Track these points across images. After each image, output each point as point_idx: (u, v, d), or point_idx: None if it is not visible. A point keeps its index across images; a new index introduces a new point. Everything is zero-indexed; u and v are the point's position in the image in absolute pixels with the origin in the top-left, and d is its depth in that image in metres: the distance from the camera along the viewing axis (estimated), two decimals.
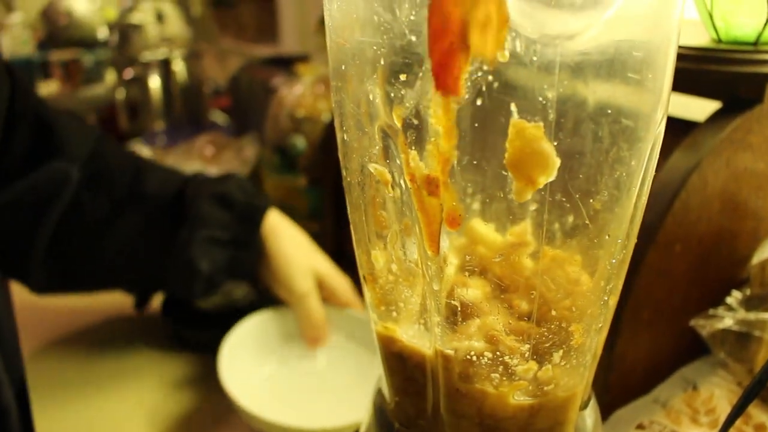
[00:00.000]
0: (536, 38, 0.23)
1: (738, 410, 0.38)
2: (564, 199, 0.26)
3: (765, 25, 0.50)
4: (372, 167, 0.28)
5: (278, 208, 0.88)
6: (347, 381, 0.66)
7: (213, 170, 0.94)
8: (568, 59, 0.23)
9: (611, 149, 0.26)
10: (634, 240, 0.32)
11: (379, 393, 0.35)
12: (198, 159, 0.96)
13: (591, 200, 0.26)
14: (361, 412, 0.37)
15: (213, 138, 1.04)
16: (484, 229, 0.34)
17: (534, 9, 0.22)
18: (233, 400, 0.58)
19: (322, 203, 0.89)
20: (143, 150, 1.43)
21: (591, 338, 0.29)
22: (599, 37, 0.24)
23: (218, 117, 1.39)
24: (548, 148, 0.24)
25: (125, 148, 0.75)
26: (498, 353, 0.28)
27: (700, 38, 0.56)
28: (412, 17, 0.23)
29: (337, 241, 0.88)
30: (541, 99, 0.23)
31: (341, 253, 0.88)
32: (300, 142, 0.86)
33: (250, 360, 0.66)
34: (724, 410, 0.48)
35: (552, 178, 0.24)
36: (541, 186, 0.24)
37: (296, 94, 0.88)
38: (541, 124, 0.24)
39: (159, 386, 0.68)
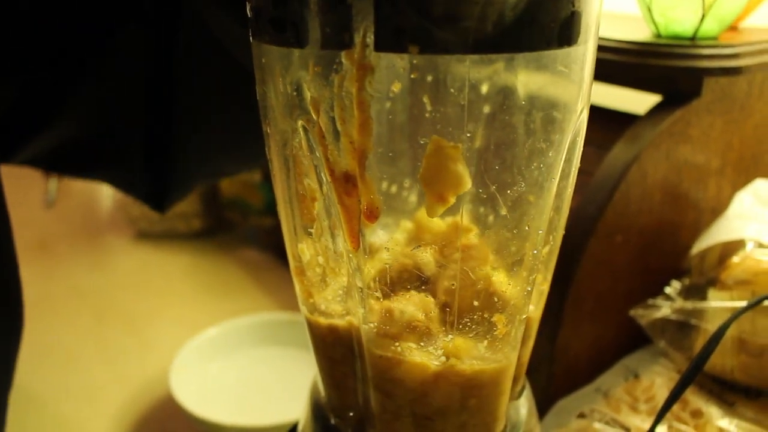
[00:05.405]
0: None
1: (674, 397, 0.39)
2: (481, 191, 0.26)
3: (701, 20, 0.51)
4: (306, 182, 0.28)
5: (233, 203, 0.87)
6: (291, 383, 0.68)
7: None
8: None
9: (528, 140, 0.26)
10: (561, 231, 0.32)
11: (314, 387, 0.35)
12: None
13: (508, 191, 0.26)
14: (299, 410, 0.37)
15: None
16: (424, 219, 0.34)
17: None
18: (182, 407, 0.58)
19: None
20: None
21: (516, 328, 0.29)
22: None
23: None
24: (462, 169, 0.24)
25: None
26: (422, 344, 0.28)
27: (641, 33, 0.57)
28: None
29: None
30: (452, 91, 0.23)
31: None
32: None
33: (198, 368, 0.68)
34: (663, 398, 0.49)
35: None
36: (451, 204, 0.24)
37: None
38: (460, 145, 0.24)
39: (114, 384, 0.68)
